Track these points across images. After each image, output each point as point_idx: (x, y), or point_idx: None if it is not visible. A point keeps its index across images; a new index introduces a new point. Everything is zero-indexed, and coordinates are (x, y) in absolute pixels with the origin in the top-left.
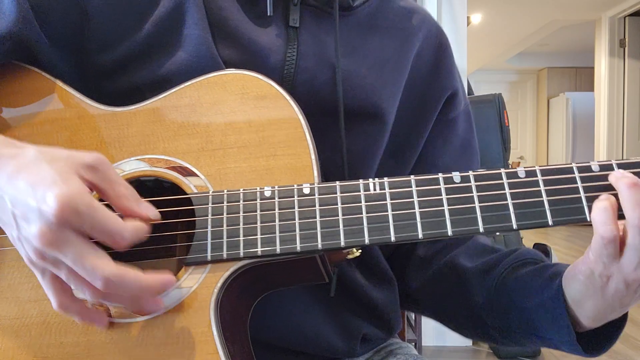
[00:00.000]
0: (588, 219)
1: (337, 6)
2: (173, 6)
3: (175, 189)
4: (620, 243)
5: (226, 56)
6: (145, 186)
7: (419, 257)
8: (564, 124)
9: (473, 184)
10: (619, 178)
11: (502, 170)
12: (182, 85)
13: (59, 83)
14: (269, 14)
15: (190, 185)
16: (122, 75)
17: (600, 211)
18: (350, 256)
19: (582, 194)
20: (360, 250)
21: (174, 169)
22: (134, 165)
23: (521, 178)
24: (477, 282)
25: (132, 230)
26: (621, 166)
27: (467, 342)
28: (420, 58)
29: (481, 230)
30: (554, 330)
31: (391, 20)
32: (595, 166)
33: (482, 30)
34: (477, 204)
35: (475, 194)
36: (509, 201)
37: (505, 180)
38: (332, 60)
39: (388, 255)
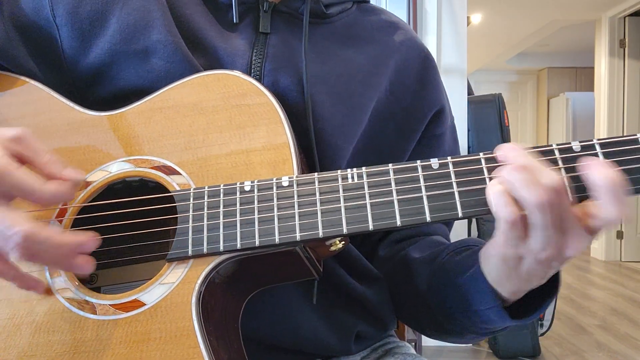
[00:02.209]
0: None
1: (307, 12)
2: (139, 14)
3: (160, 188)
4: (524, 224)
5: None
6: (132, 186)
7: (380, 258)
8: (564, 124)
9: (452, 169)
10: (504, 167)
11: (482, 155)
12: (166, 88)
13: (48, 90)
14: (234, 21)
15: (173, 183)
16: (100, 85)
17: (497, 195)
18: (333, 248)
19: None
20: (343, 243)
21: (158, 168)
22: (120, 167)
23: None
24: (422, 270)
25: (51, 188)
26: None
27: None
28: (403, 72)
29: (460, 215)
30: (482, 299)
31: (369, 32)
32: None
33: (482, 30)
34: (455, 190)
35: (453, 179)
36: (488, 185)
37: (484, 165)
38: (300, 65)
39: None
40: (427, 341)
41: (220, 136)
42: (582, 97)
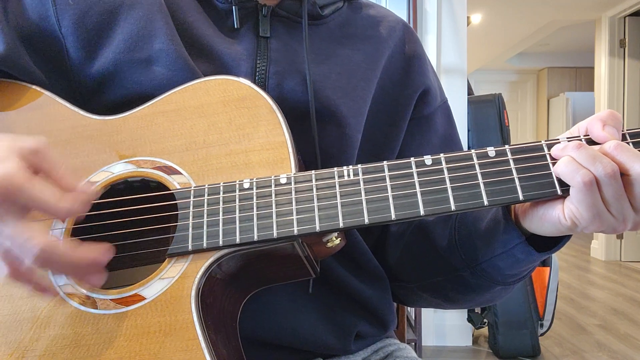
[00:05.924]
0: (559, 192)
1: (305, 14)
2: (142, 23)
3: (161, 188)
4: (600, 191)
5: (200, 70)
6: (134, 187)
7: (394, 234)
8: (564, 124)
9: (444, 165)
10: (565, 147)
11: (473, 151)
12: (168, 93)
13: (53, 97)
14: (236, 27)
15: (174, 182)
16: (104, 93)
17: (567, 163)
18: (330, 244)
19: (552, 169)
20: (340, 239)
21: (159, 168)
22: (122, 168)
23: (491, 157)
24: (439, 230)
25: (67, 203)
26: (589, 142)
27: (467, 342)
28: (391, 64)
29: (453, 208)
30: (506, 239)
31: (361, 29)
32: (564, 141)
33: (482, 30)
34: (448, 184)
35: (446, 174)
36: (480, 180)
37: (475, 160)
38: (303, 67)
39: (373, 249)
40: (427, 341)
41: (220, 137)
42: (582, 97)
